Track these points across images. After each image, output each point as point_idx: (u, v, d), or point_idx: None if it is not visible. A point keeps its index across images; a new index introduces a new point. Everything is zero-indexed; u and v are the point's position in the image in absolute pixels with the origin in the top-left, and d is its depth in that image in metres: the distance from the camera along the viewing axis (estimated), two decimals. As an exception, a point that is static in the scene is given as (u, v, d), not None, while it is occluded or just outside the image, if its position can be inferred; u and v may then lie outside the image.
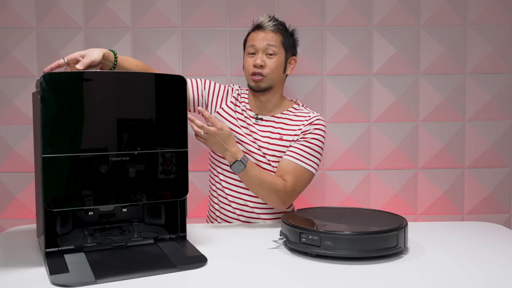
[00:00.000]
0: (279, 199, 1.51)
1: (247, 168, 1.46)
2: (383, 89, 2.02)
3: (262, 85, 1.57)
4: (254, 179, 1.48)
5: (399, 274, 1.07)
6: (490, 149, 2.05)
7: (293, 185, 1.52)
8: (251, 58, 1.59)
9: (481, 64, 2.02)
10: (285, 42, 1.61)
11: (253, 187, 1.51)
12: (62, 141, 1.10)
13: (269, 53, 1.57)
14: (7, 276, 1.05)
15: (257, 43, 1.58)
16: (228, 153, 1.46)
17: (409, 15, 2.00)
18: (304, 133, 1.56)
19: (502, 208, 2.08)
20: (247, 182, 1.50)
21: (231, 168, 1.47)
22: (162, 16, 1.96)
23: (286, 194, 1.51)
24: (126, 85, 1.19)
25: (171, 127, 1.23)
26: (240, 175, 1.48)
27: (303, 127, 1.57)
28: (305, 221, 1.26)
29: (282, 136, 1.58)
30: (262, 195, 1.52)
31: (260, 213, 1.59)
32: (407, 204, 2.06)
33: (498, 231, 1.45)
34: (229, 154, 1.46)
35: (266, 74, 1.56)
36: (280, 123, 1.61)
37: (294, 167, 1.53)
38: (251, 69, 1.58)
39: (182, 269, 1.09)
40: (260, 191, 1.51)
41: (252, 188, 1.52)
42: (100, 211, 1.25)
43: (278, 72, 1.60)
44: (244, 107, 1.64)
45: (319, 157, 1.58)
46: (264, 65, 1.56)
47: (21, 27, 1.94)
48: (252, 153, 1.57)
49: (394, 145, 2.04)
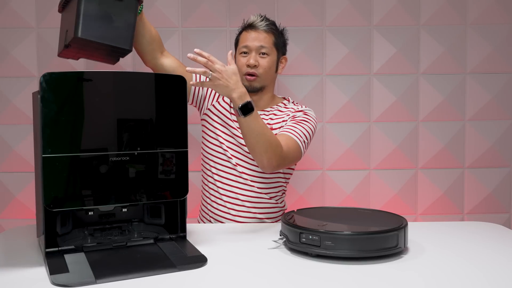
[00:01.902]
0: (274, 156, 1.43)
1: (255, 112, 1.38)
2: (383, 89, 2.02)
3: (256, 84, 1.59)
4: (258, 127, 1.40)
5: (399, 274, 1.07)
6: (490, 149, 2.05)
7: (285, 149, 1.46)
8: (244, 58, 1.60)
9: (481, 64, 2.03)
10: (277, 42, 1.63)
11: (253, 136, 1.40)
12: (62, 141, 1.10)
13: (262, 53, 1.58)
14: (7, 276, 1.05)
15: (250, 43, 1.59)
16: (235, 93, 1.36)
17: (409, 15, 2.00)
18: (293, 116, 1.58)
19: (502, 208, 2.08)
20: (249, 129, 1.40)
21: (239, 109, 1.36)
22: (162, 16, 1.96)
23: (281, 152, 1.44)
24: (126, 85, 1.19)
25: (171, 127, 1.23)
26: (245, 119, 1.38)
27: (292, 113, 1.59)
28: (305, 221, 1.26)
29: (272, 126, 1.60)
30: (258, 147, 1.41)
31: (250, 207, 1.60)
32: (407, 204, 2.06)
33: (498, 231, 1.45)
34: (237, 95, 1.36)
35: (260, 74, 1.58)
36: (270, 114, 1.63)
37: (287, 137, 1.50)
38: (245, 69, 1.59)
39: (182, 269, 1.09)
40: (259, 142, 1.40)
41: (251, 137, 1.41)
42: (100, 211, 1.25)
43: (271, 71, 1.62)
44: None
45: (308, 137, 1.55)
46: (257, 65, 1.58)
47: (21, 27, 1.94)
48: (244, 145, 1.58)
49: (394, 145, 2.04)
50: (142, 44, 1.54)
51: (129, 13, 1.37)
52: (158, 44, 1.57)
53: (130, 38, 1.38)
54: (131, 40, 1.39)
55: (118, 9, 1.34)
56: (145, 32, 1.52)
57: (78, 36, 1.28)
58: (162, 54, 1.59)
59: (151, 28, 1.54)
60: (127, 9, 1.36)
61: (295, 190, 2.02)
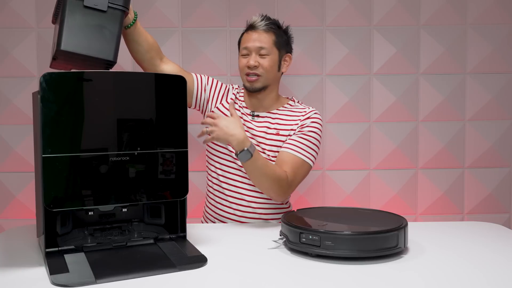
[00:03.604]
0: (281, 190, 1.50)
1: (254, 157, 1.43)
2: (383, 89, 2.02)
3: (257, 85, 1.59)
4: (259, 169, 1.45)
5: (399, 274, 1.07)
6: (490, 149, 2.05)
7: (292, 176, 1.52)
8: (244, 59, 1.60)
9: (481, 64, 2.02)
10: (278, 41, 1.61)
11: (256, 177, 1.48)
12: (62, 141, 1.10)
13: (261, 53, 1.58)
14: (7, 276, 1.05)
15: (249, 44, 1.59)
16: (234, 139, 1.41)
17: (409, 15, 2.00)
18: (301, 126, 1.58)
19: (502, 208, 2.08)
20: (251, 171, 1.47)
21: (237, 156, 1.43)
22: (162, 16, 1.96)
23: (287, 184, 1.51)
24: (126, 85, 1.19)
25: (171, 127, 1.23)
26: (245, 164, 1.45)
27: (300, 121, 1.59)
28: (305, 221, 1.26)
29: (279, 131, 1.59)
30: (264, 185, 1.49)
31: (256, 207, 1.59)
32: (407, 204, 2.06)
33: (498, 231, 1.45)
34: (236, 141, 1.42)
35: (261, 74, 1.58)
36: (276, 119, 1.62)
37: (292, 158, 1.53)
38: (245, 70, 1.59)
39: (182, 269, 1.09)
40: (263, 181, 1.48)
41: (255, 178, 1.49)
42: (100, 211, 1.25)
43: (273, 71, 1.61)
44: (241, 105, 1.66)
45: (316, 149, 1.59)
46: (257, 65, 1.58)
47: (21, 27, 1.94)
48: None
49: (394, 145, 2.04)
50: (140, 53, 1.53)
51: (114, 24, 1.34)
52: (156, 52, 1.56)
53: (115, 50, 1.35)
54: (116, 52, 1.36)
55: (102, 21, 1.31)
56: (142, 41, 1.52)
57: (60, 49, 1.27)
58: (161, 61, 1.59)
59: (147, 36, 1.54)
60: (112, 20, 1.33)
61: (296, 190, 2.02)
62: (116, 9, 1.34)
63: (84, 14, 1.29)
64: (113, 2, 1.33)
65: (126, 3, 1.36)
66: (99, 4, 1.30)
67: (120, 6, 1.34)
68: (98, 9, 1.30)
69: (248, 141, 1.44)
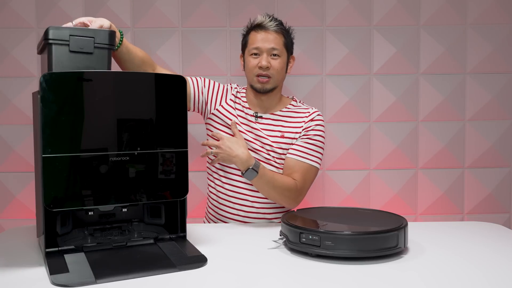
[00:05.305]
0: (291, 199, 1.54)
1: (260, 174, 1.48)
2: (383, 89, 2.02)
3: (268, 86, 1.58)
4: (267, 183, 1.50)
5: (399, 274, 1.07)
6: (490, 149, 2.05)
7: (302, 182, 1.55)
8: (255, 59, 1.58)
9: (481, 64, 2.02)
10: (287, 42, 1.62)
11: (265, 191, 1.53)
12: (62, 141, 1.10)
13: (273, 54, 1.57)
14: (7, 276, 1.05)
15: (261, 45, 1.57)
16: (238, 160, 1.48)
17: (409, 15, 2.00)
18: (306, 130, 1.58)
19: (502, 208, 2.08)
20: (260, 187, 1.52)
21: (243, 176, 1.49)
22: (162, 16, 1.96)
23: (297, 192, 1.54)
24: (126, 85, 1.19)
25: (171, 127, 1.23)
26: (253, 181, 1.50)
27: (304, 124, 1.59)
28: (305, 221, 1.26)
29: (283, 134, 1.59)
30: (274, 197, 1.54)
31: (259, 208, 1.60)
32: (407, 204, 2.06)
33: (498, 231, 1.45)
34: (240, 162, 1.48)
35: (272, 75, 1.57)
36: (279, 120, 1.62)
37: (301, 165, 1.55)
38: (256, 70, 1.57)
39: (182, 269, 1.09)
40: (272, 194, 1.53)
41: (264, 192, 1.54)
42: (100, 211, 1.25)
43: (282, 72, 1.61)
44: (244, 105, 1.65)
45: (322, 151, 1.61)
46: (269, 66, 1.56)
47: (21, 27, 1.94)
48: (258, 151, 1.58)
49: (394, 145, 2.04)
50: (133, 69, 1.51)
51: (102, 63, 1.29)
52: (149, 64, 1.54)
53: None
54: None
55: (90, 62, 1.27)
56: (133, 58, 1.48)
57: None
58: (154, 70, 1.57)
59: (137, 51, 1.50)
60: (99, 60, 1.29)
61: (295, 190, 2.02)
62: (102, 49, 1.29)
63: (71, 59, 1.25)
64: (99, 42, 1.28)
65: (112, 40, 1.30)
66: (85, 47, 1.26)
67: (106, 45, 1.29)
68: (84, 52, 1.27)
69: (252, 159, 1.48)
